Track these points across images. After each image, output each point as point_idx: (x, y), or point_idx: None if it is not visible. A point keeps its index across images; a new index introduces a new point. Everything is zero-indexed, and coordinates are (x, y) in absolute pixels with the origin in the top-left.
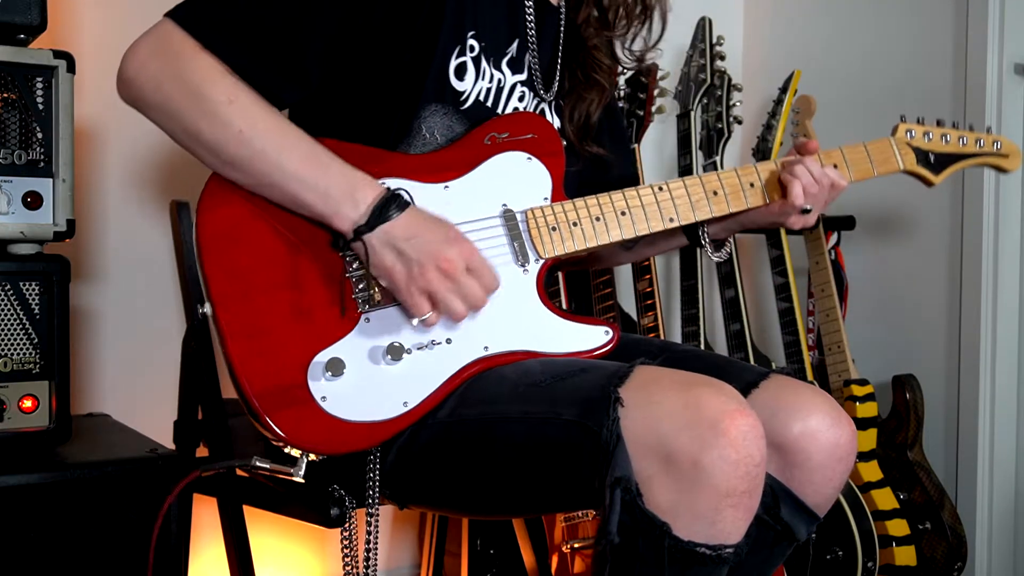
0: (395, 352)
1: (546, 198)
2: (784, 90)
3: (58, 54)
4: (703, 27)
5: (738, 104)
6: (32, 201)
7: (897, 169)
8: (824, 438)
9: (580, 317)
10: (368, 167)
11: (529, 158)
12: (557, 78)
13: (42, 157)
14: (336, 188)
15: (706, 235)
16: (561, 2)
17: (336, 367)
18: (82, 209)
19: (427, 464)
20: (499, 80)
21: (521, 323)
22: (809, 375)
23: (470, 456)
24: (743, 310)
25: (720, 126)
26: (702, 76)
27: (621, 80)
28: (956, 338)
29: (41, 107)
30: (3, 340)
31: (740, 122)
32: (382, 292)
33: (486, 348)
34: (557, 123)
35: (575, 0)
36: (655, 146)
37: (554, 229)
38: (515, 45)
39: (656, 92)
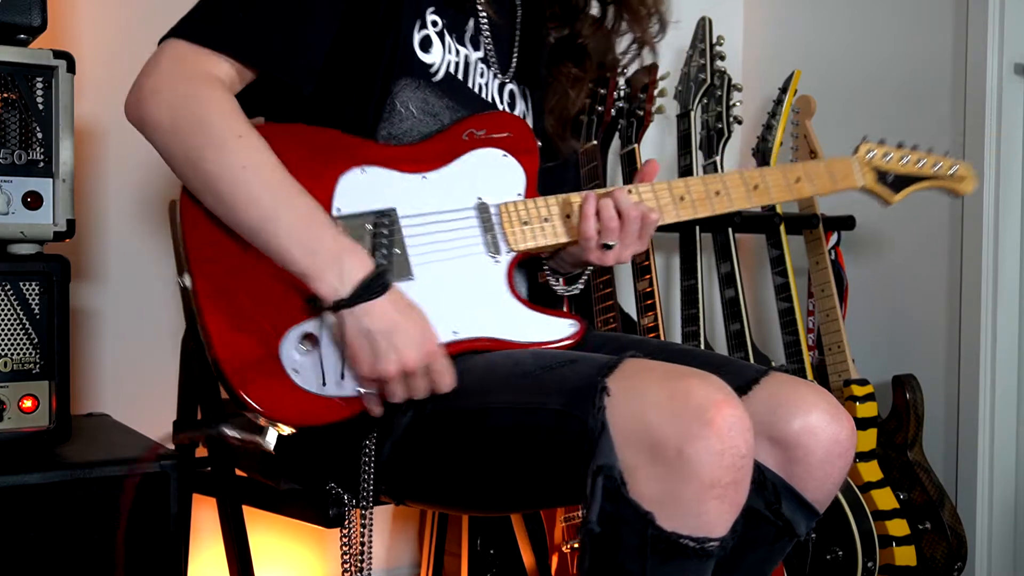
0: None
1: (519, 194)
2: (784, 90)
3: (58, 54)
4: (703, 27)
5: (738, 104)
6: (32, 201)
7: (856, 186)
8: (824, 434)
9: (548, 310)
10: (351, 154)
11: (504, 155)
12: (515, 61)
13: (42, 157)
14: (325, 252)
15: (546, 265)
16: None
17: (307, 341)
18: (82, 209)
19: (421, 456)
20: (465, 56)
21: (490, 311)
22: (809, 375)
23: (462, 446)
24: (743, 310)
25: (720, 126)
26: (702, 76)
27: (621, 80)
28: (956, 338)
29: (41, 107)
30: (3, 340)
31: (740, 122)
32: None
33: (455, 333)
34: (521, 107)
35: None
36: (655, 146)
37: (526, 223)
38: (471, 23)
39: (656, 92)
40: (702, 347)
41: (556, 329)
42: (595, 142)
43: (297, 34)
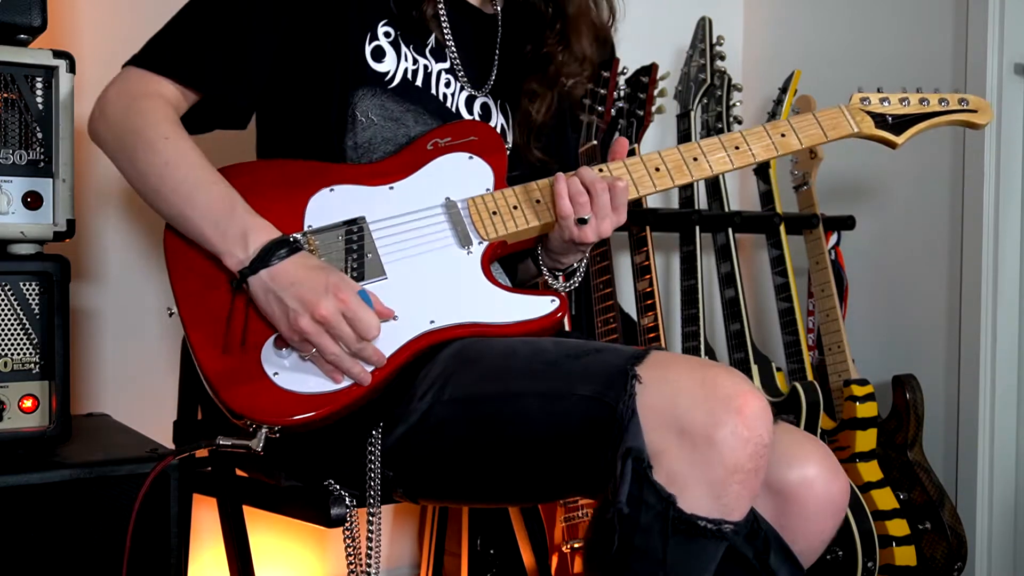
0: None
1: (488, 189)
2: (784, 90)
3: (58, 54)
4: (703, 27)
5: (738, 104)
6: (32, 201)
7: (851, 132)
8: (820, 489)
9: (526, 290)
10: (320, 178)
11: (471, 157)
12: (493, 76)
13: (42, 157)
14: (234, 229)
15: (541, 260)
16: (496, 10)
17: (283, 343)
18: (82, 209)
19: (438, 442)
20: (425, 65)
21: (467, 298)
22: (809, 375)
23: (484, 431)
24: (743, 310)
25: (720, 126)
26: (702, 76)
27: (621, 80)
28: (956, 338)
29: (41, 107)
30: (3, 340)
31: (740, 122)
32: None
33: (432, 322)
34: (500, 120)
35: (513, 12)
36: (655, 146)
37: (495, 213)
38: (433, 37)
39: (656, 92)
40: (702, 347)
41: (537, 307)
42: (595, 142)
43: (233, 57)
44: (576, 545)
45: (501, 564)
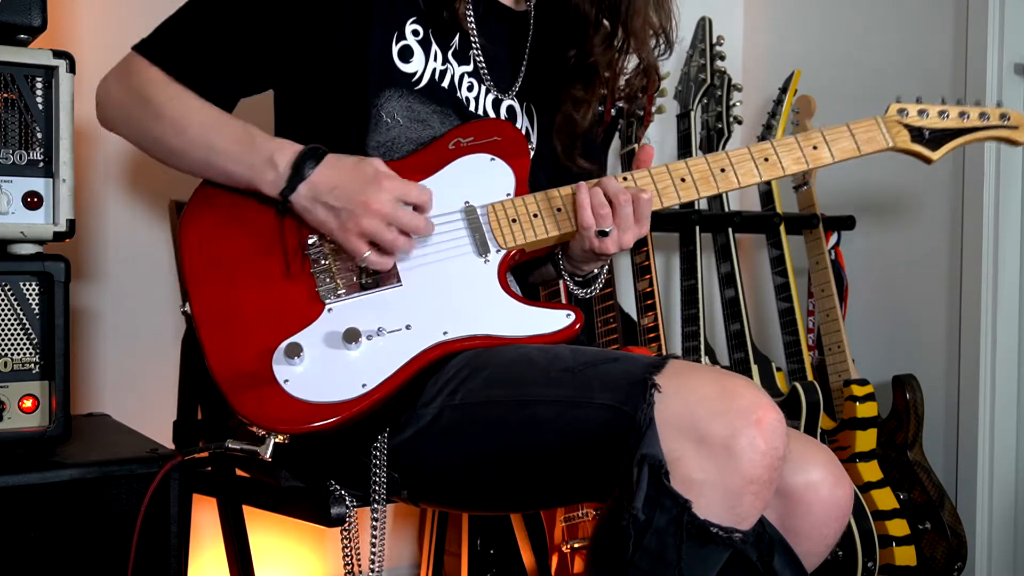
0: (353, 337)
1: (509, 194)
2: (784, 90)
3: (58, 54)
4: (703, 27)
5: (738, 104)
6: (32, 201)
7: (885, 147)
8: (825, 493)
9: (542, 303)
10: None
11: (492, 159)
12: (520, 79)
13: (42, 157)
14: (259, 157)
15: (562, 265)
16: (529, 8)
17: (295, 351)
18: (82, 209)
19: (447, 446)
20: (450, 67)
21: (481, 309)
22: (809, 375)
23: (497, 436)
24: (743, 310)
25: (720, 126)
26: (702, 76)
27: (621, 81)
28: (956, 338)
29: (41, 107)
30: (3, 340)
31: (740, 122)
32: (345, 285)
33: (445, 333)
34: (525, 123)
35: (547, 12)
36: (655, 146)
37: (514, 221)
38: (457, 38)
39: (656, 92)
40: (702, 347)
41: (553, 320)
42: None
43: (223, 53)
44: (576, 545)
45: (501, 564)
